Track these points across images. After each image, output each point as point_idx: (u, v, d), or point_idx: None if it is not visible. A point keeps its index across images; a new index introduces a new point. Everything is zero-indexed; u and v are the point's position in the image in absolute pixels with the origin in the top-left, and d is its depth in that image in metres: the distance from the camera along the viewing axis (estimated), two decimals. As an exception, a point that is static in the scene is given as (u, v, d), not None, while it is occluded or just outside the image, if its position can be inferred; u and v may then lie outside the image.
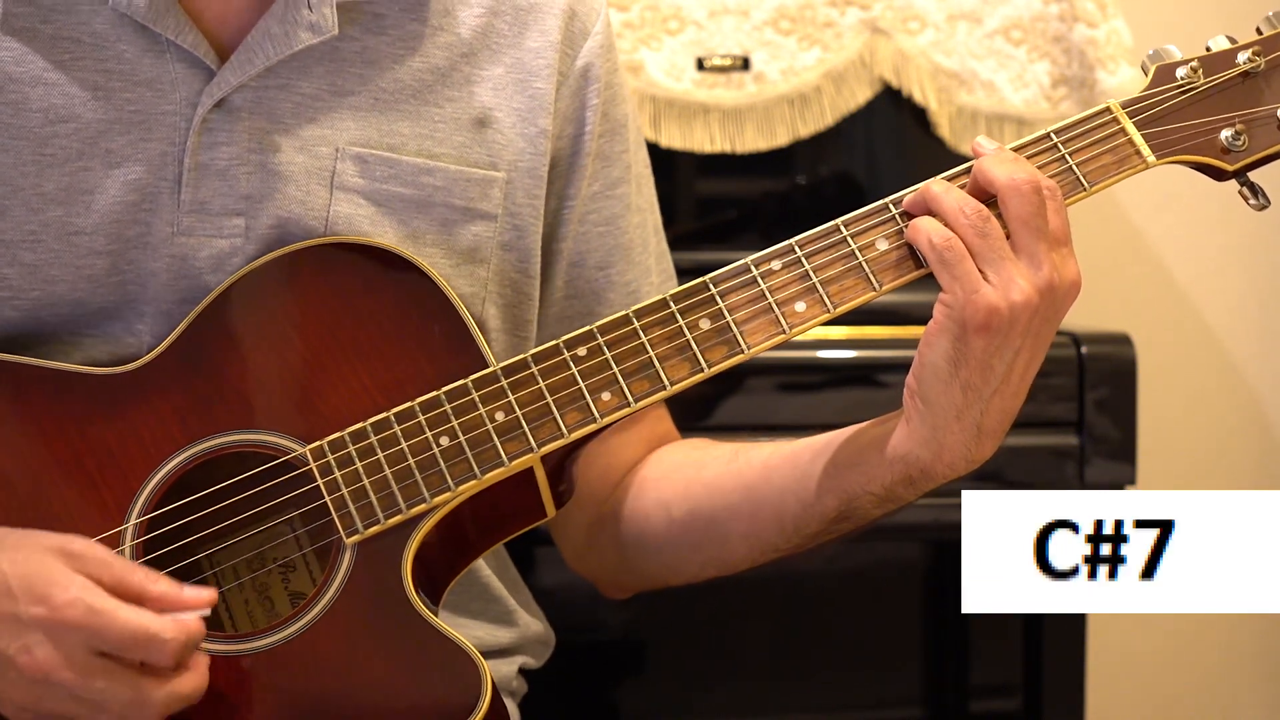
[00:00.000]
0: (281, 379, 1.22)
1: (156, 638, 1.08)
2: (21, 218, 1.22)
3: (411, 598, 1.16)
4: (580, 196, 1.37)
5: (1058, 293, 1.15)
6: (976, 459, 1.18)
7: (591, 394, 1.19)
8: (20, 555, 1.10)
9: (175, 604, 1.10)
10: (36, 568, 1.09)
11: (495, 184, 1.32)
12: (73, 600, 1.07)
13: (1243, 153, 1.22)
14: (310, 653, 1.15)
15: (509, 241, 1.33)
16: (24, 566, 1.09)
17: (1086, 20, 1.99)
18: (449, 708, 1.13)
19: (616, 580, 1.44)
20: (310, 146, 1.26)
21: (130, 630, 1.07)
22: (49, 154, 1.22)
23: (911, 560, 2.07)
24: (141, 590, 1.10)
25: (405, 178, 1.28)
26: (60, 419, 1.20)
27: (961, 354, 1.15)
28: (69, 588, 1.08)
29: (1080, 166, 1.21)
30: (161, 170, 1.24)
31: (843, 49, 1.99)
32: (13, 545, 1.11)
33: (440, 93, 1.31)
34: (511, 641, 1.40)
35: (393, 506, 1.17)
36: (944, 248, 1.15)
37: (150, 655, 1.08)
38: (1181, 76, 1.23)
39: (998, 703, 2.09)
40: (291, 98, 1.26)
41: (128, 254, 1.24)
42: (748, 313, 1.19)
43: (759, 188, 2.06)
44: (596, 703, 2.03)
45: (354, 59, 1.29)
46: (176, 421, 1.20)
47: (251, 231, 1.24)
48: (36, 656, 1.07)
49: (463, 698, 1.13)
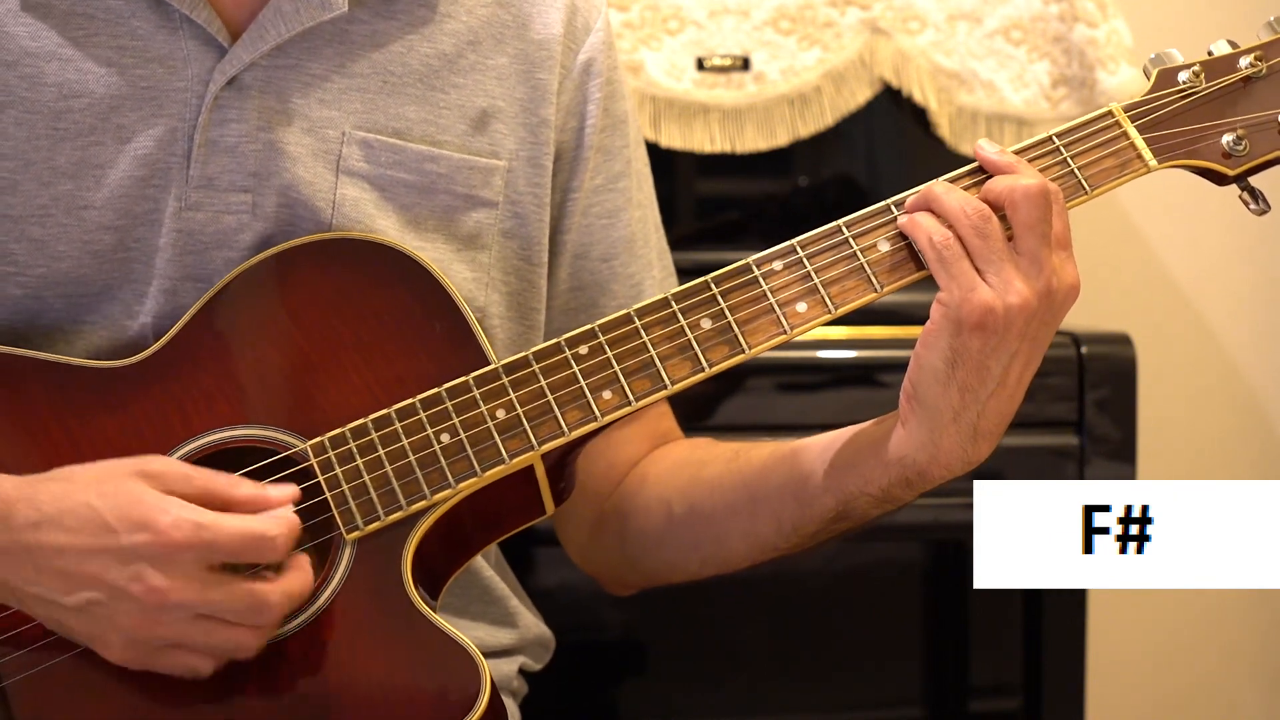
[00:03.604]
0: (283, 374, 1.22)
1: (264, 536, 1.10)
2: (32, 192, 1.23)
3: (411, 594, 1.16)
4: (583, 189, 1.38)
5: (1056, 296, 1.15)
6: (973, 461, 1.18)
7: (592, 392, 1.19)
8: (108, 486, 1.11)
9: (264, 503, 1.12)
10: (127, 496, 1.10)
11: (497, 172, 1.32)
12: (176, 520, 1.09)
13: (1244, 158, 1.22)
14: (309, 648, 1.15)
15: (510, 229, 1.33)
16: (114, 498, 1.10)
17: (1086, 20, 1.99)
18: (448, 704, 1.13)
19: (620, 577, 1.44)
20: (317, 128, 1.27)
21: (239, 535, 1.09)
22: (62, 128, 1.23)
23: (911, 560, 2.07)
24: (229, 496, 1.12)
25: (409, 164, 1.29)
26: (61, 412, 1.21)
27: (957, 354, 1.15)
28: (168, 509, 1.09)
29: (1082, 170, 1.21)
30: (171, 146, 1.24)
31: (843, 49, 1.99)
32: (95, 478, 1.12)
33: (447, 79, 1.32)
34: (512, 643, 1.41)
35: (393, 503, 1.17)
36: (941, 245, 1.15)
37: (263, 554, 1.10)
38: (1183, 81, 1.23)
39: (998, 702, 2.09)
40: (301, 77, 1.27)
41: (135, 230, 1.24)
42: (749, 313, 1.19)
43: (759, 188, 2.06)
44: (596, 703, 2.03)
45: (363, 42, 1.30)
46: (178, 416, 1.21)
47: (258, 209, 1.25)
48: (151, 583, 1.08)
49: (462, 694, 1.13)
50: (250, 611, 1.10)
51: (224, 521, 1.10)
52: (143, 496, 1.10)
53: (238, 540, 1.09)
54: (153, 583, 1.08)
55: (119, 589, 1.09)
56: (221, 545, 1.09)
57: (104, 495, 1.10)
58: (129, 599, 1.09)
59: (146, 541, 1.08)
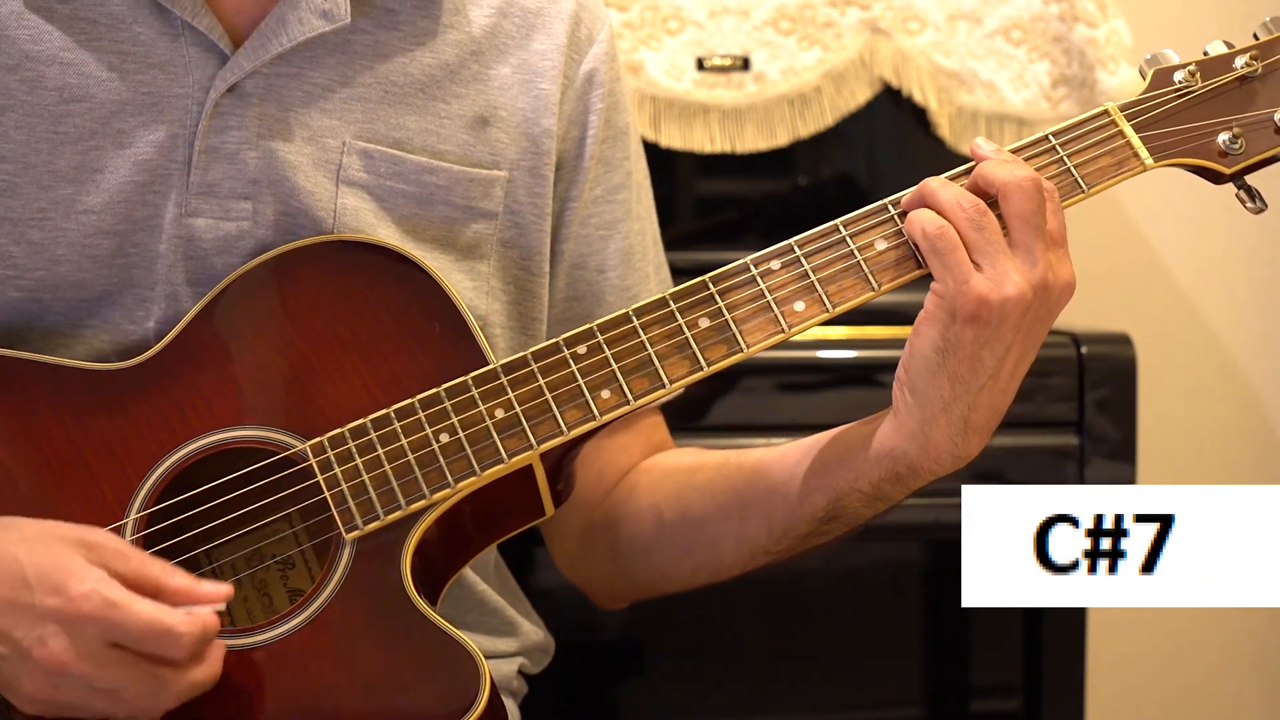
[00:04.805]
0: (282, 375, 1.23)
1: (172, 631, 1.08)
2: (32, 195, 1.23)
3: (410, 594, 1.16)
4: (582, 200, 1.38)
5: (1052, 292, 1.16)
6: (963, 455, 1.18)
7: (591, 392, 1.19)
8: (39, 546, 1.10)
9: (191, 598, 1.10)
10: (54, 559, 1.09)
11: (497, 183, 1.33)
12: (89, 592, 1.07)
13: (1240, 156, 1.22)
14: (309, 647, 1.15)
15: (510, 239, 1.34)
16: (41, 557, 1.09)
17: (1086, 20, 1.99)
18: (447, 703, 1.13)
19: (610, 588, 1.44)
20: (318, 137, 1.27)
21: (145, 623, 1.08)
22: (62, 132, 1.24)
23: (911, 560, 2.07)
24: (158, 583, 1.10)
25: (409, 175, 1.29)
26: (61, 413, 1.21)
27: (950, 344, 1.15)
28: (85, 579, 1.08)
29: (1079, 168, 1.21)
30: (172, 152, 1.25)
31: (843, 49, 1.99)
32: (31, 536, 1.11)
33: (448, 89, 1.32)
34: (510, 650, 1.41)
35: (392, 503, 1.17)
36: (935, 236, 1.16)
37: (165, 649, 1.08)
38: (1179, 80, 1.23)
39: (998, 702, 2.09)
40: (303, 86, 1.27)
41: (134, 235, 1.25)
42: (747, 311, 1.19)
43: (759, 188, 2.06)
44: (596, 703, 2.03)
45: (365, 52, 1.30)
46: (177, 417, 1.21)
47: (259, 216, 1.25)
48: (51, 648, 1.07)
49: (461, 693, 1.13)
50: (146, 696, 1.09)
51: (136, 605, 1.08)
52: (67, 562, 1.09)
53: (144, 628, 1.07)
54: (53, 647, 1.07)
55: (24, 649, 1.08)
56: (126, 628, 1.07)
57: (32, 553, 1.09)
58: (30, 660, 1.08)
59: (56, 606, 1.07)
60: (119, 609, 1.07)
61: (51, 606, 1.07)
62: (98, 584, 1.08)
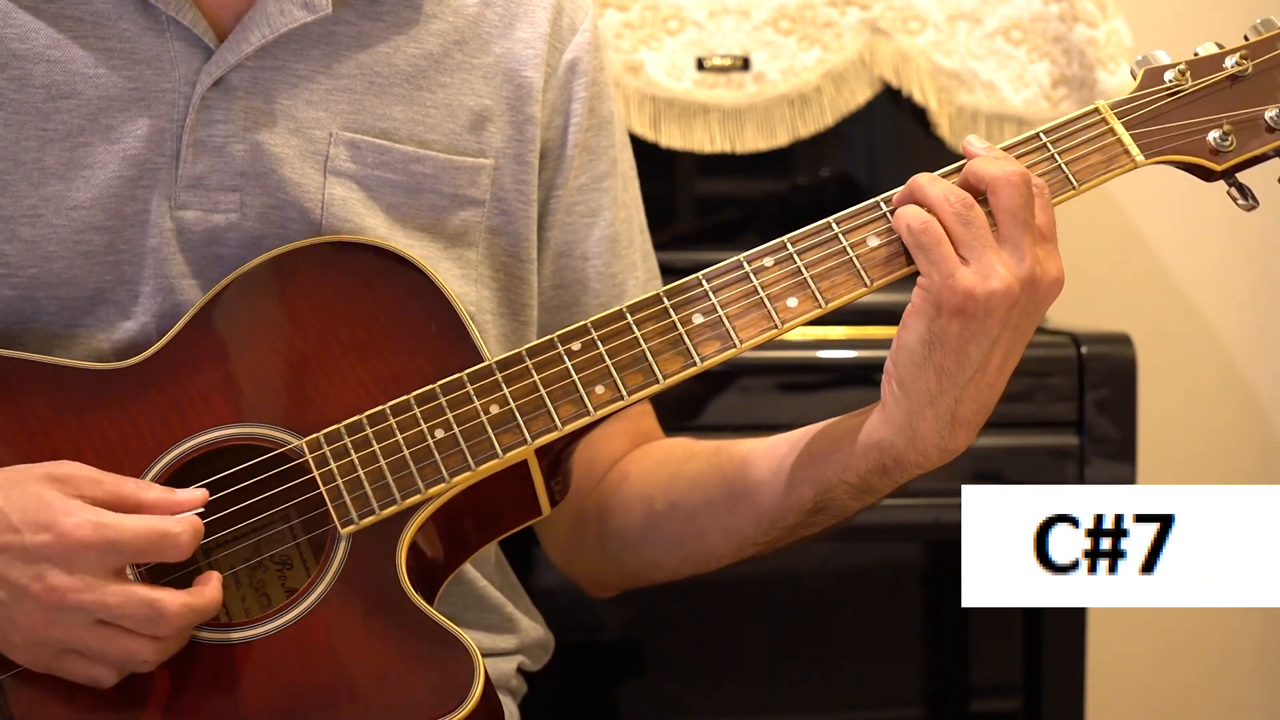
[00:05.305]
0: (280, 374, 1.23)
1: (168, 534, 1.11)
2: (22, 192, 1.24)
3: (405, 587, 1.16)
4: (567, 188, 1.38)
5: (1039, 286, 1.16)
6: (950, 449, 1.18)
7: (585, 387, 1.19)
8: (14, 490, 1.12)
9: (172, 506, 1.14)
10: (32, 498, 1.11)
11: (483, 171, 1.33)
12: (79, 522, 1.10)
13: (1230, 153, 1.23)
14: (304, 640, 1.16)
15: (497, 226, 1.34)
16: (20, 499, 1.11)
17: (1086, 20, 2.00)
18: (442, 696, 1.13)
19: (600, 577, 1.44)
20: (305, 129, 1.28)
21: (142, 534, 1.10)
22: (50, 129, 1.24)
23: (911, 560, 2.07)
24: (137, 499, 1.13)
25: (396, 165, 1.30)
26: (61, 413, 1.21)
27: (936, 337, 1.15)
28: (71, 511, 1.10)
29: (1069, 165, 1.21)
30: (160, 146, 1.25)
31: (843, 49, 1.99)
32: (4, 482, 1.13)
33: (433, 78, 1.33)
34: (510, 647, 1.41)
35: (388, 497, 1.18)
36: (920, 230, 1.16)
37: (165, 553, 1.11)
38: (1169, 79, 1.24)
39: (998, 702, 2.09)
40: (287, 78, 1.28)
41: (125, 231, 1.25)
42: (740, 307, 1.20)
43: (759, 188, 2.06)
44: (596, 703, 2.03)
45: (349, 43, 1.30)
46: (176, 415, 1.21)
47: (247, 208, 1.26)
48: (51, 582, 1.09)
49: (456, 686, 1.13)
50: (148, 620, 1.11)
51: (126, 521, 1.11)
52: (48, 499, 1.11)
53: (141, 538, 1.10)
54: (52, 582, 1.09)
55: (20, 587, 1.10)
56: (124, 544, 1.10)
57: (10, 498, 1.11)
58: (29, 598, 1.10)
59: (49, 542, 1.09)
60: (111, 529, 1.10)
61: (43, 543, 1.10)
62: (84, 512, 1.10)
